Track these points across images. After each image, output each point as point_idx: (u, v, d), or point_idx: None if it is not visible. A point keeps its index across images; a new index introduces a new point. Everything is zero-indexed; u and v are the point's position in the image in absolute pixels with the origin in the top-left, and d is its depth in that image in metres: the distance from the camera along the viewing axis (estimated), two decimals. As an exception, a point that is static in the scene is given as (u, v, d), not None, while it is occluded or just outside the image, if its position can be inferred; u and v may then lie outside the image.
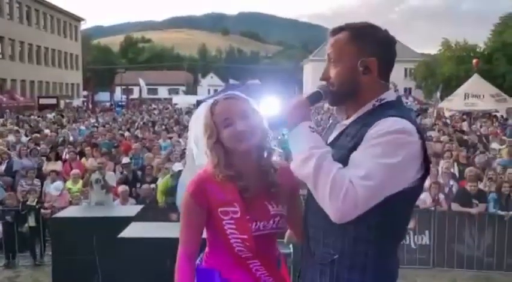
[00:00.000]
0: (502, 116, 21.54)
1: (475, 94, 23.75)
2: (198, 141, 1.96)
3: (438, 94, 29.10)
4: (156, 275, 4.91)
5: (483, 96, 23.54)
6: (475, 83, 24.83)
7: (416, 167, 1.56)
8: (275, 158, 1.97)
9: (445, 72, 39.59)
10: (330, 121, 16.09)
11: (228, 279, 1.87)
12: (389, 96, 1.67)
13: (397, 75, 53.92)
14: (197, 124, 1.95)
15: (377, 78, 1.64)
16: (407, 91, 48.35)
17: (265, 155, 1.90)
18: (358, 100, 1.66)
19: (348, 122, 1.68)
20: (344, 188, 1.45)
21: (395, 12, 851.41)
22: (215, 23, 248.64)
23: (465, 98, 23.83)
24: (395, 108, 1.61)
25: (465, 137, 12.89)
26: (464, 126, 17.55)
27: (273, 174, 1.89)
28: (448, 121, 19.93)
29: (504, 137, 12.51)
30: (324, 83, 1.71)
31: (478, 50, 41.20)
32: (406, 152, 1.50)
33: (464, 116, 20.83)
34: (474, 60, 29.56)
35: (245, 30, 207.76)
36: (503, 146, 10.79)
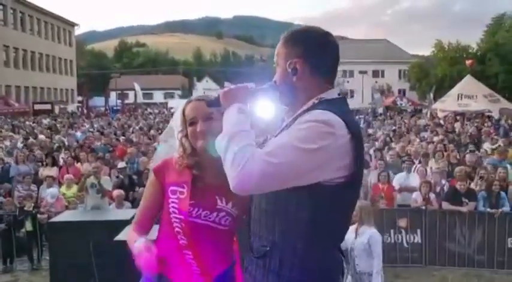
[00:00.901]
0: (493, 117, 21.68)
1: (468, 95, 23.93)
2: (172, 133, 2.16)
3: (431, 95, 29.30)
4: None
5: (476, 96, 23.73)
6: (468, 84, 25.03)
7: (337, 164, 1.56)
8: None
9: (439, 73, 39.85)
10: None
11: (168, 278, 1.97)
12: (329, 95, 1.70)
13: (392, 77, 54.29)
14: (174, 118, 2.18)
15: (310, 78, 1.69)
16: (402, 92, 48.55)
17: None
18: (298, 99, 1.72)
19: (290, 119, 1.74)
20: (245, 159, 1.47)
21: (388, 14, 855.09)
22: (209, 26, 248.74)
23: (458, 98, 24.01)
24: (331, 105, 1.64)
25: (456, 137, 13.06)
26: (457, 126, 17.70)
27: None
28: (442, 122, 20.07)
29: (495, 137, 12.66)
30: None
31: (470, 50, 41.50)
32: (325, 143, 1.51)
33: (458, 117, 20.97)
34: (468, 61, 29.79)
35: (240, 33, 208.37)
36: (495, 146, 10.95)
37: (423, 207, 7.25)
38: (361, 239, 4.74)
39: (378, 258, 4.74)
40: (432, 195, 7.37)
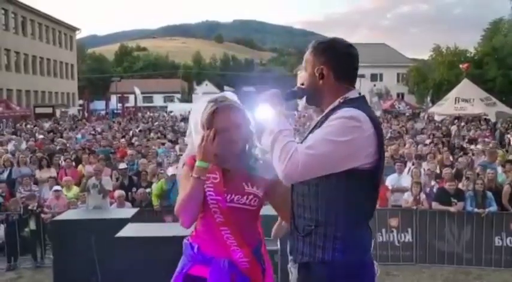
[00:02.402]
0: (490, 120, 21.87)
1: (464, 98, 24.16)
2: (193, 130, 2.42)
3: (428, 99, 29.53)
4: (153, 271, 5.24)
5: (473, 100, 23.93)
6: (465, 88, 25.24)
7: (366, 152, 1.88)
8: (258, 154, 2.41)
9: (436, 77, 40.11)
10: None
11: (204, 252, 2.28)
12: (352, 94, 2.03)
13: (390, 81, 54.54)
14: (195, 117, 2.39)
15: (334, 81, 2.02)
16: (400, 96, 48.77)
17: (247, 148, 2.35)
18: (325, 100, 2.06)
19: (320, 117, 2.07)
20: (290, 154, 1.81)
21: (388, 18, 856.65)
22: (209, 30, 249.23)
23: (455, 102, 24.24)
24: (354, 103, 1.96)
25: (451, 140, 13.32)
26: (454, 130, 17.93)
27: (254, 162, 2.34)
28: (440, 125, 20.28)
29: (487, 140, 12.90)
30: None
31: (468, 54, 41.76)
32: (353, 135, 1.84)
33: (456, 121, 21.18)
34: (463, 65, 30.05)
35: (239, 37, 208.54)
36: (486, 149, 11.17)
37: (414, 207, 7.50)
38: None
39: None
40: (423, 196, 7.61)
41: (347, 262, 1.92)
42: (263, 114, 2.07)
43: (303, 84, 2.13)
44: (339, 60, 2.02)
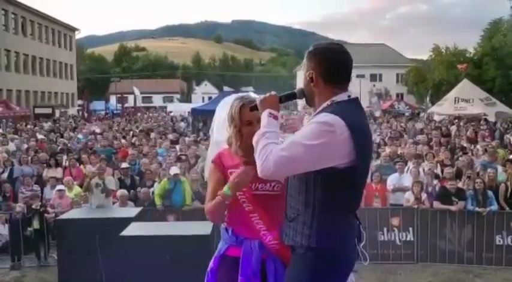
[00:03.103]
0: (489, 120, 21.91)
1: (464, 98, 24.23)
2: (215, 127, 2.73)
3: (428, 99, 29.60)
4: (157, 269, 5.29)
5: (472, 100, 24.02)
6: (465, 88, 25.33)
7: (340, 154, 2.05)
8: None
9: (436, 77, 40.18)
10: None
11: (238, 235, 2.55)
12: (339, 97, 2.18)
13: (390, 81, 54.62)
14: (223, 110, 2.69)
15: (324, 85, 2.17)
16: (400, 96, 48.84)
17: None
18: (317, 102, 2.23)
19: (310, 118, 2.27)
20: (266, 155, 2.03)
21: (387, 19, 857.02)
22: (208, 31, 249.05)
23: (455, 102, 24.31)
24: (339, 106, 2.13)
25: (450, 140, 13.36)
26: (453, 130, 17.97)
27: None
28: (439, 125, 20.32)
29: (487, 140, 12.96)
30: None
31: (467, 55, 41.83)
32: (324, 139, 2.01)
33: (456, 121, 21.22)
34: (462, 65, 30.15)
35: (239, 38, 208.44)
36: (486, 148, 11.22)
37: (415, 207, 7.55)
38: None
39: None
40: (424, 195, 7.66)
41: (320, 248, 2.13)
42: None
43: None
44: (328, 66, 2.16)
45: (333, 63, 2.17)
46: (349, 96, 2.19)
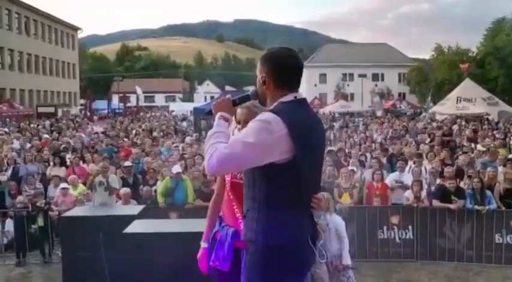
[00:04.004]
0: (493, 119, 21.94)
1: (466, 98, 24.27)
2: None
3: (429, 99, 29.60)
4: (160, 266, 5.37)
5: (475, 100, 24.06)
6: (467, 87, 25.37)
7: (279, 150, 2.13)
8: None
9: (438, 76, 40.19)
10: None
11: (222, 221, 2.79)
12: (286, 98, 2.29)
13: (392, 80, 54.62)
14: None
15: (274, 88, 2.30)
16: (402, 96, 48.81)
17: None
18: (268, 103, 2.36)
19: None
20: (211, 153, 2.14)
21: (388, 18, 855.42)
22: (210, 30, 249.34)
23: (457, 102, 24.35)
24: (283, 106, 2.24)
25: (451, 140, 13.43)
26: (455, 129, 18.01)
27: None
28: (441, 124, 20.35)
29: (488, 139, 13.01)
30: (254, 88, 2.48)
31: (470, 54, 41.81)
32: (262, 136, 2.10)
33: (459, 120, 21.25)
34: (464, 65, 30.14)
35: (240, 37, 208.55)
36: (486, 147, 11.29)
37: (415, 205, 7.62)
38: (330, 225, 5.21)
39: (345, 238, 5.31)
40: (423, 194, 7.73)
41: (267, 245, 2.21)
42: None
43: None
44: (277, 69, 2.29)
45: (282, 67, 2.30)
46: (295, 97, 2.30)
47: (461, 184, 7.89)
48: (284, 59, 2.32)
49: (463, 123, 19.83)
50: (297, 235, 2.23)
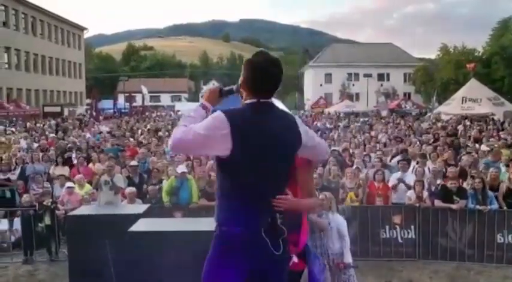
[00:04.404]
0: (498, 119, 21.87)
1: (472, 98, 24.21)
2: None
3: (434, 99, 29.52)
4: (163, 264, 5.46)
5: (480, 100, 23.99)
6: (473, 87, 25.30)
7: (222, 146, 2.37)
8: None
9: (443, 76, 40.09)
10: (328, 125, 16.40)
11: None
12: (249, 101, 2.53)
13: (397, 80, 54.53)
14: None
15: (247, 89, 2.53)
16: (407, 96, 48.73)
17: None
18: (243, 101, 2.59)
19: None
20: (174, 131, 2.46)
21: (394, 18, 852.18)
22: (216, 30, 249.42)
23: (462, 102, 24.30)
24: (240, 107, 2.52)
25: (456, 140, 13.44)
26: (460, 129, 18.01)
27: None
28: (446, 125, 20.34)
29: (492, 140, 13.02)
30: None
31: (476, 54, 41.67)
32: (210, 131, 2.37)
33: (466, 120, 21.21)
34: (470, 65, 30.05)
35: (246, 37, 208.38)
36: (490, 148, 11.31)
37: (417, 205, 7.67)
38: (332, 224, 5.29)
39: (347, 237, 5.34)
40: (425, 194, 7.78)
41: (220, 229, 2.50)
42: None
43: None
44: (249, 75, 2.51)
45: (253, 72, 2.50)
46: (259, 100, 2.48)
47: (464, 184, 7.93)
48: (257, 63, 2.51)
49: (468, 123, 19.77)
50: (245, 225, 2.42)
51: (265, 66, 2.49)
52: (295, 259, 2.71)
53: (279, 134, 2.46)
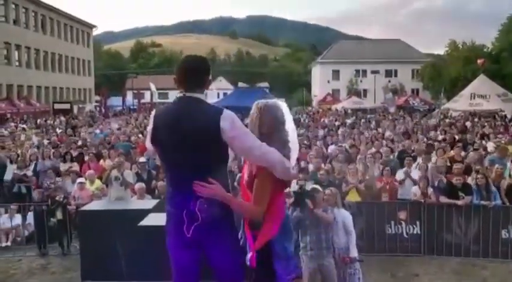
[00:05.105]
0: (505, 115, 21.79)
1: (480, 94, 24.12)
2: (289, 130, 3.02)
3: (442, 95, 29.39)
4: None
5: (489, 96, 23.89)
6: (481, 83, 25.17)
7: (149, 138, 2.78)
8: None
9: (452, 72, 39.84)
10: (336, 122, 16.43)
11: None
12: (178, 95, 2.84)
13: (405, 77, 54.28)
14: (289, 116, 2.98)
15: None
16: (415, 92, 48.50)
17: None
18: None
19: None
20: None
21: (402, 14, 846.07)
22: (223, 27, 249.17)
23: (471, 98, 24.21)
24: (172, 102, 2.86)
25: (463, 136, 13.46)
26: (468, 126, 17.98)
27: None
28: (454, 121, 20.30)
29: (499, 136, 13.02)
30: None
31: (485, 50, 41.34)
32: (149, 125, 2.82)
33: (475, 117, 21.14)
34: (480, 60, 29.84)
35: (254, 33, 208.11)
36: (497, 144, 11.33)
37: (422, 201, 7.75)
38: (338, 219, 5.39)
39: (353, 232, 5.43)
40: (430, 190, 7.85)
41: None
42: None
43: None
44: (175, 72, 2.83)
45: (176, 70, 2.84)
46: (182, 93, 2.78)
47: (468, 180, 7.98)
48: (180, 64, 2.84)
49: (476, 119, 19.72)
50: (172, 206, 2.73)
51: (183, 63, 2.83)
52: (249, 255, 2.75)
53: (184, 125, 2.61)
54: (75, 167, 10.44)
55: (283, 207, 2.90)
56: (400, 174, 8.63)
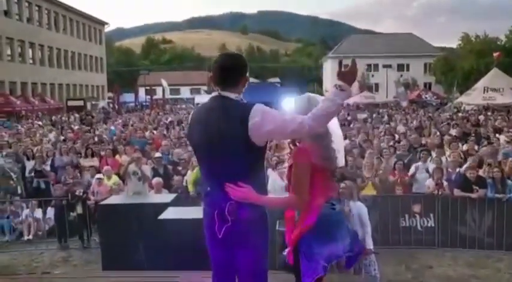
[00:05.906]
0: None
1: (494, 88, 23.89)
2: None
3: (455, 89, 29.17)
4: (191, 251, 5.74)
5: (502, 89, 23.65)
6: (495, 77, 24.92)
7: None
8: None
9: (465, 66, 39.48)
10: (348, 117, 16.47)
11: None
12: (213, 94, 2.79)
13: (417, 71, 53.90)
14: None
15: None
16: (427, 86, 48.14)
17: None
18: None
19: None
20: None
21: (414, 7, 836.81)
22: (234, 22, 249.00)
23: (484, 91, 24.00)
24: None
25: (478, 130, 13.42)
26: (481, 119, 17.88)
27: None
28: (467, 115, 20.19)
29: (512, 130, 12.96)
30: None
31: (499, 43, 40.89)
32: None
33: (488, 111, 20.97)
34: (496, 53, 29.51)
35: (265, 28, 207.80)
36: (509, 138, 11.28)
37: (435, 192, 7.80)
38: (353, 211, 5.50)
39: (368, 224, 5.55)
40: (444, 182, 7.90)
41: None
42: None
43: None
44: (211, 71, 2.78)
45: (212, 69, 2.76)
46: (217, 92, 2.72)
47: (480, 172, 8.00)
48: (215, 62, 2.75)
49: (489, 113, 19.59)
50: (207, 205, 2.72)
51: (218, 62, 2.72)
52: (286, 251, 2.81)
53: (213, 126, 2.57)
54: (95, 162, 10.64)
55: (321, 198, 2.73)
56: (412, 169, 8.67)
